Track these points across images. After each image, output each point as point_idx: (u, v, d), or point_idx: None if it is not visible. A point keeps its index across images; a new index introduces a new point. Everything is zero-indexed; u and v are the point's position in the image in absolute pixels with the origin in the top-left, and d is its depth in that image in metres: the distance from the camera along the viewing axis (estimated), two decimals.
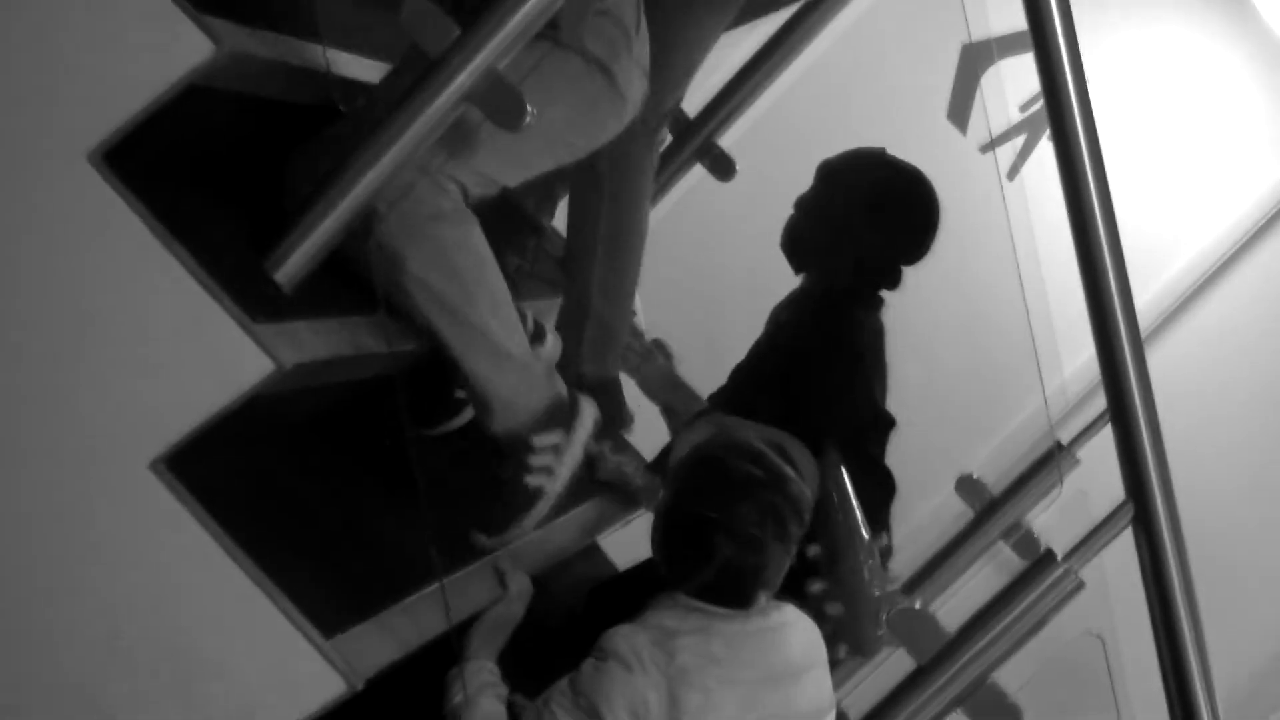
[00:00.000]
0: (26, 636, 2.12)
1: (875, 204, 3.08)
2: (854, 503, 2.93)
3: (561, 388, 2.52)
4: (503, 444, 2.45)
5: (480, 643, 2.42)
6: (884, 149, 3.12)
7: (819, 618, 2.81)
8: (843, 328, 3.07)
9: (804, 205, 3.11)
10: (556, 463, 2.48)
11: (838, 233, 3.05)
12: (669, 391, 3.21)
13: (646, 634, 2.33)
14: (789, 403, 2.98)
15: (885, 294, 3.13)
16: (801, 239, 3.09)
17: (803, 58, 3.45)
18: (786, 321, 3.13)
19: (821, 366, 3.04)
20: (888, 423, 3.16)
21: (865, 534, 2.92)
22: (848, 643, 2.84)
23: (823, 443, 2.93)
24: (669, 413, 3.19)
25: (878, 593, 2.93)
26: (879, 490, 3.10)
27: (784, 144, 3.19)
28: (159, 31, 2.01)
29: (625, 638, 2.32)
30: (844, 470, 2.93)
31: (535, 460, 2.45)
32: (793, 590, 2.78)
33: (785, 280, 3.10)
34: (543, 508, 2.49)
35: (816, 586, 2.83)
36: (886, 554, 3.11)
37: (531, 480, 2.46)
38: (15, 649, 2.13)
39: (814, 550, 2.86)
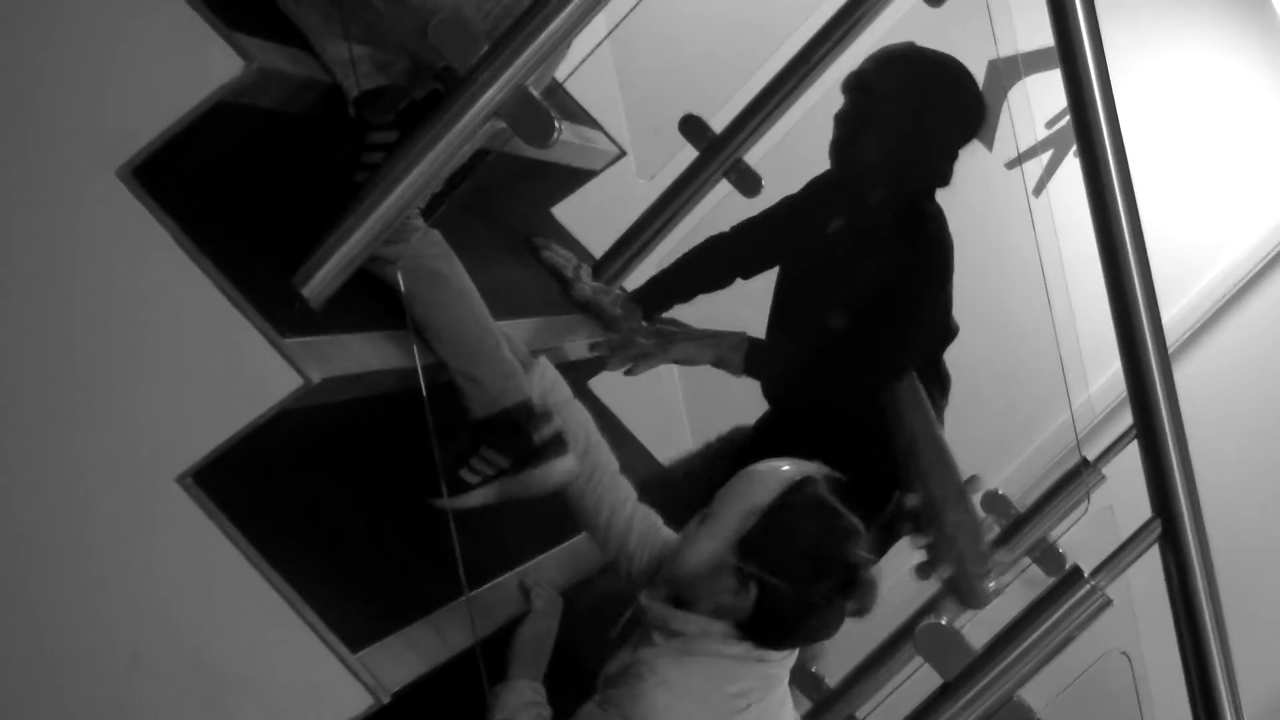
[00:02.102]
0: (53, 650, 2.13)
1: (921, 97, 3.00)
2: (947, 446, 2.89)
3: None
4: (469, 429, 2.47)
5: (520, 664, 2.43)
6: (910, 42, 3.06)
7: (924, 572, 2.77)
8: (924, 234, 3.02)
9: (847, 120, 3.03)
10: (491, 476, 2.47)
11: (889, 136, 2.97)
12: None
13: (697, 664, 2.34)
14: (874, 326, 2.94)
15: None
16: (852, 153, 3.03)
17: (828, 74, 3.45)
18: (855, 242, 3.05)
19: (916, 281, 2.99)
20: (955, 329, 3.14)
21: (960, 475, 2.88)
22: (958, 597, 2.79)
23: (905, 367, 2.93)
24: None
25: (984, 544, 2.88)
26: (942, 397, 3.11)
27: (809, 160, 3.18)
28: (189, 48, 2.03)
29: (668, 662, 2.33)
30: (923, 397, 2.90)
31: (477, 464, 2.44)
32: (887, 544, 2.74)
33: None
34: (463, 501, 2.46)
35: (920, 543, 2.78)
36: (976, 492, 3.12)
37: (465, 475, 2.45)
38: (43, 663, 2.14)
39: (912, 500, 2.82)
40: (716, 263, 3.30)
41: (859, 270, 3.01)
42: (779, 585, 2.31)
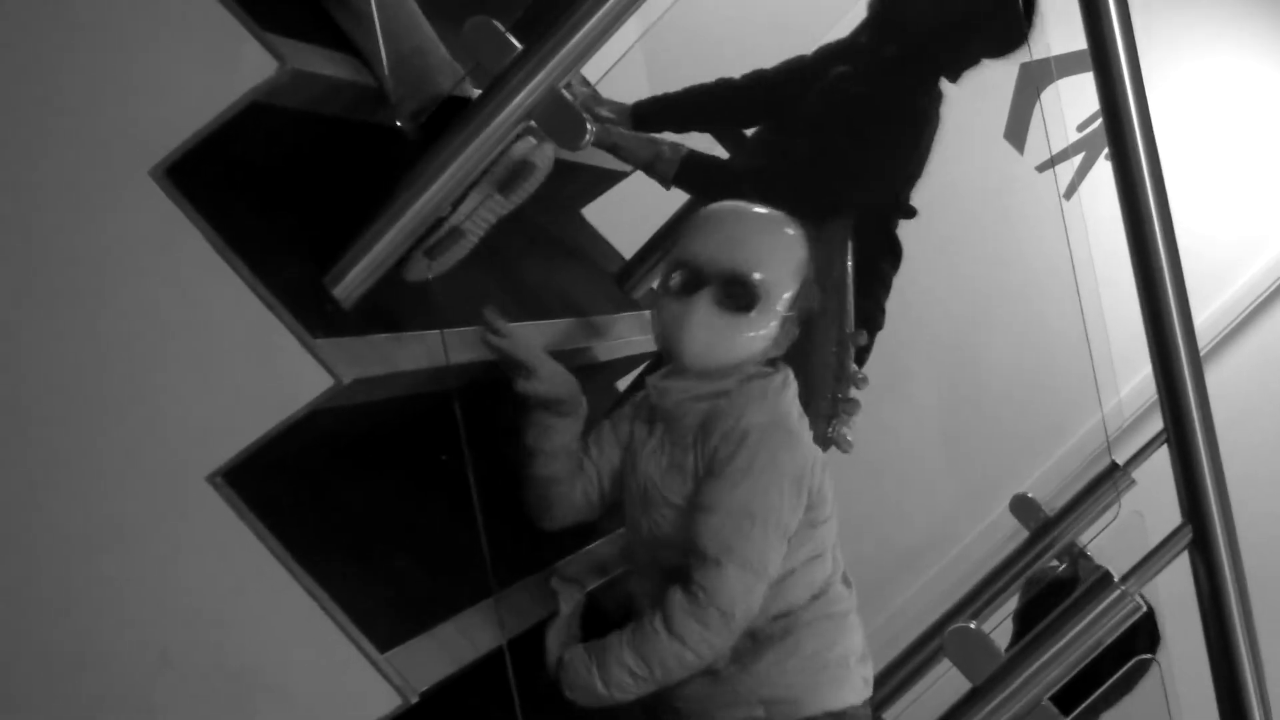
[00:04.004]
0: (83, 649, 2.14)
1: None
2: (849, 289, 2.93)
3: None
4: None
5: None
6: None
7: None
8: (913, 102, 3.08)
9: None
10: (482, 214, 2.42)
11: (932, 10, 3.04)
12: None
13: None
14: (829, 156, 2.99)
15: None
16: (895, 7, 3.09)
17: None
18: (849, 76, 3.10)
19: (881, 132, 3.03)
20: (910, 211, 3.19)
21: (850, 324, 2.92)
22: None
23: (842, 210, 2.97)
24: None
25: (840, 394, 2.94)
26: (889, 263, 3.19)
27: None
28: (223, 48, 2.03)
29: None
30: (850, 248, 2.93)
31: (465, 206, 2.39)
32: None
33: None
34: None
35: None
36: (864, 352, 3.16)
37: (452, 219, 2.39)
38: (72, 661, 2.14)
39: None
40: (720, 102, 3.32)
41: (838, 107, 3.05)
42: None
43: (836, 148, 2.99)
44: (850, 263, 3.07)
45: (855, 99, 3.05)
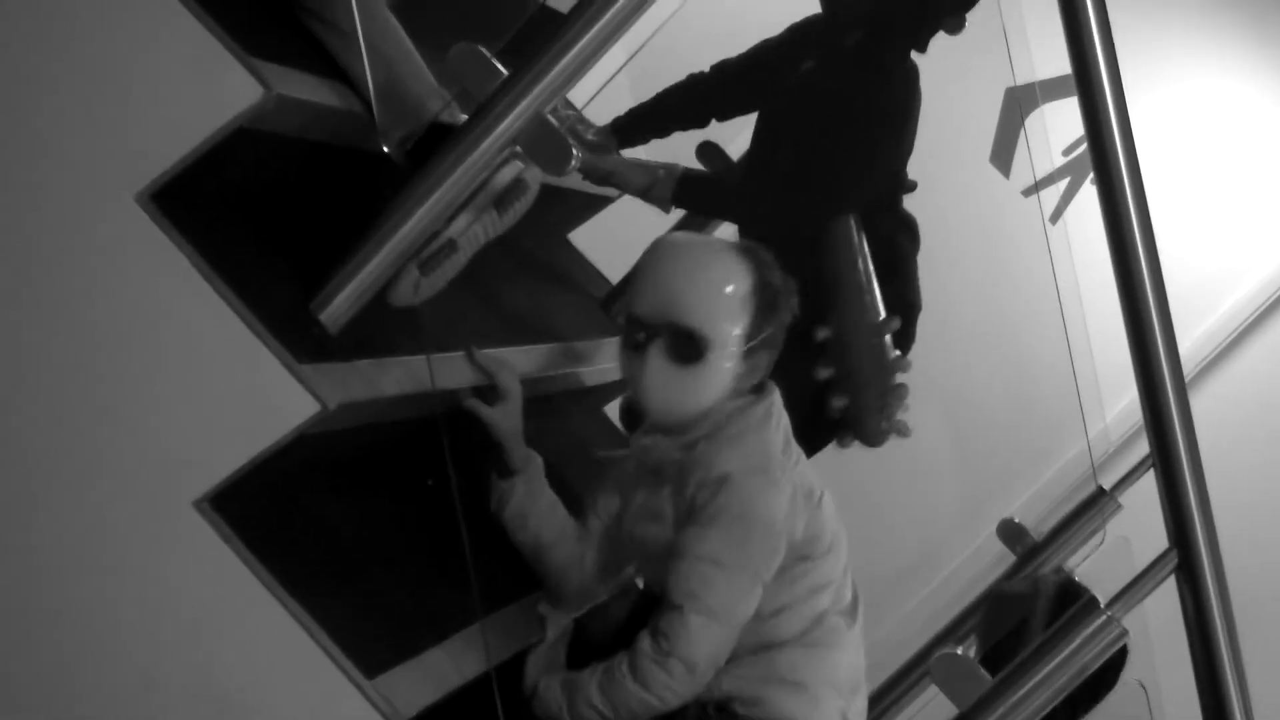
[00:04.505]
0: (66, 673, 2.13)
1: None
2: (871, 279, 2.92)
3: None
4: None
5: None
6: None
7: (825, 407, 2.79)
8: (890, 88, 3.06)
9: None
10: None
11: None
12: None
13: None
14: (821, 160, 2.96)
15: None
16: None
17: None
18: (819, 73, 3.08)
19: (866, 127, 3.01)
20: (911, 185, 3.17)
21: (880, 314, 2.90)
22: (854, 433, 2.81)
23: (844, 210, 2.97)
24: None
25: (887, 381, 2.92)
26: (907, 239, 3.15)
27: None
28: (209, 74, 2.03)
29: None
30: (864, 240, 2.91)
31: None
32: (799, 378, 2.77)
33: None
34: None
35: (824, 373, 2.81)
36: (903, 337, 3.13)
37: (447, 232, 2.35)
38: (58, 685, 2.14)
39: (823, 333, 2.83)
40: (693, 100, 3.32)
41: (818, 109, 3.03)
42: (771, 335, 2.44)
43: (825, 151, 2.98)
44: (867, 251, 3.03)
45: (833, 98, 3.03)
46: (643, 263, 2.47)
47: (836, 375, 2.70)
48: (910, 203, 3.20)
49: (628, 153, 3.25)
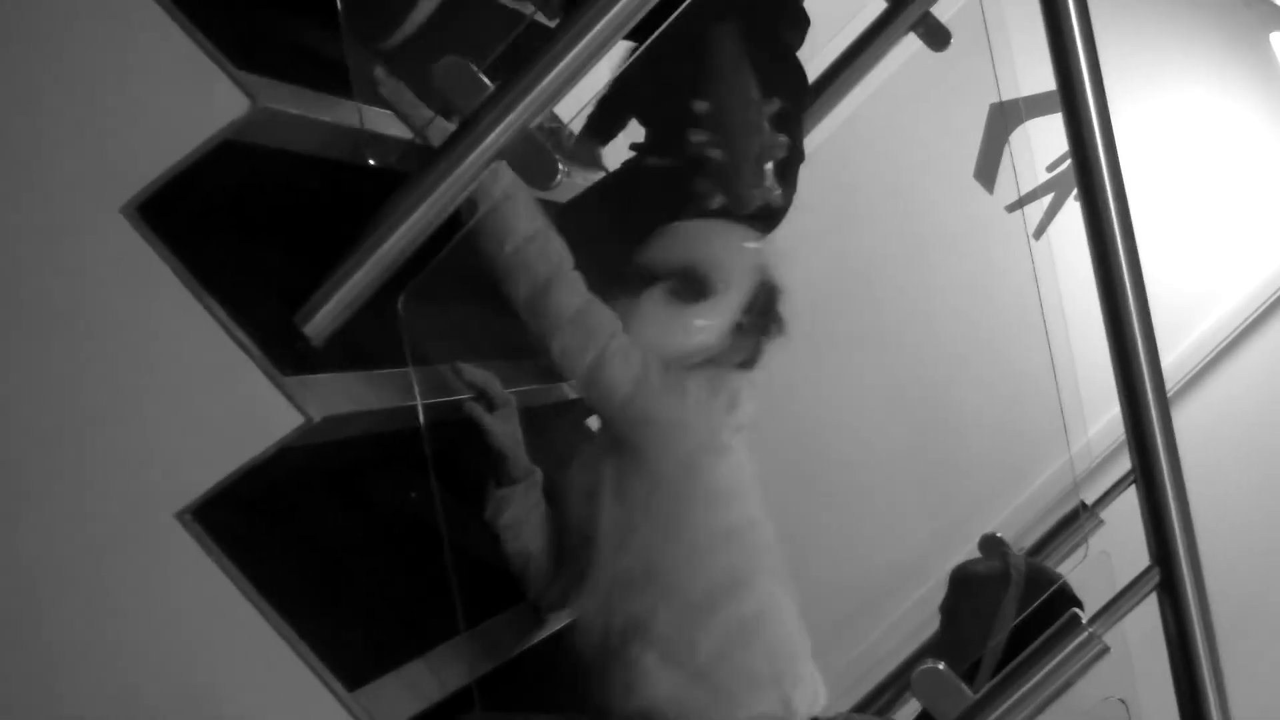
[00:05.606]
0: (45, 687, 2.12)
1: None
2: (747, 65, 2.91)
3: None
4: None
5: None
6: None
7: (699, 166, 2.80)
8: None
9: None
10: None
11: None
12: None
13: None
14: None
15: None
16: None
17: (832, 116, 3.47)
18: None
19: None
20: (805, 19, 3.15)
21: (756, 94, 2.91)
22: (725, 194, 2.82)
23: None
24: None
25: (761, 145, 2.92)
26: (791, 76, 3.11)
27: (812, 199, 3.19)
28: (195, 86, 2.03)
29: None
30: (737, 40, 2.91)
31: None
32: (676, 144, 2.82)
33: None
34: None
35: (699, 137, 2.82)
36: (785, 120, 3.04)
37: None
38: (37, 698, 2.13)
39: (701, 106, 2.85)
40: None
41: None
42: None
43: None
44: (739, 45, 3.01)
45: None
46: (663, 230, 2.58)
47: (711, 140, 2.72)
48: (893, 216, 3.21)
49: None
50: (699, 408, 2.43)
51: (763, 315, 2.53)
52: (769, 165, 2.88)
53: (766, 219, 2.95)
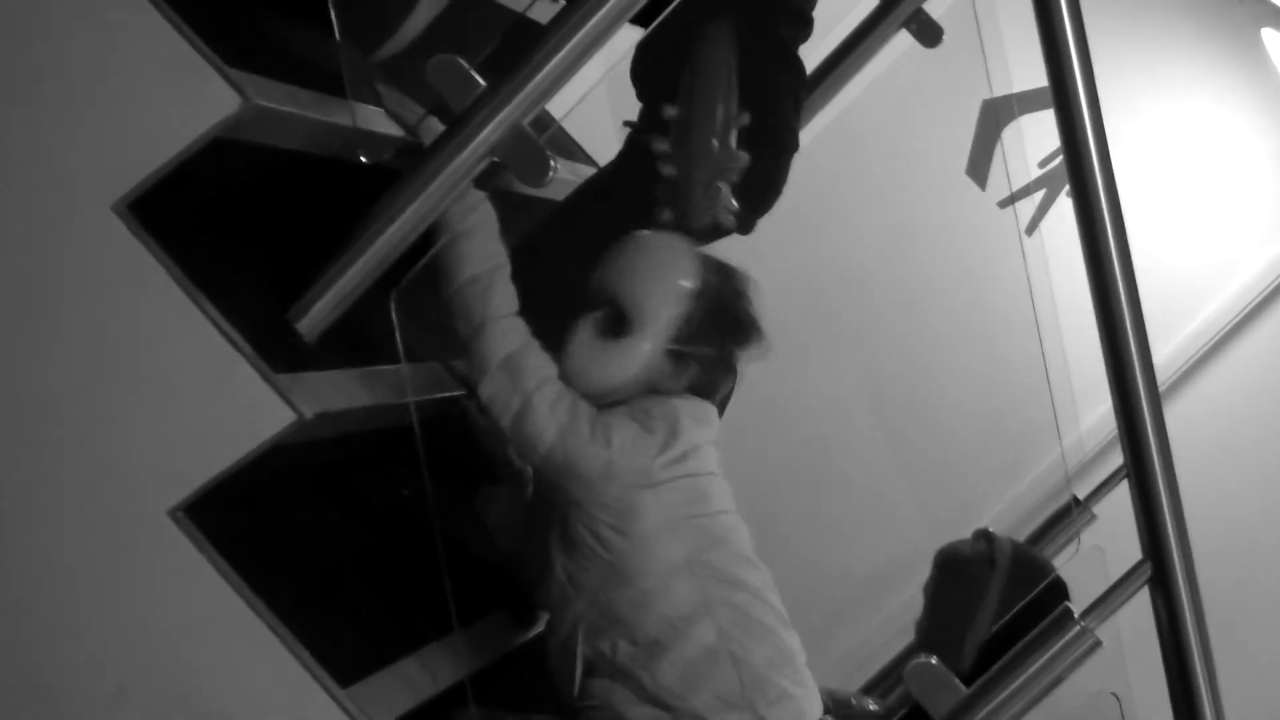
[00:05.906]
0: (39, 683, 2.13)
1: None
2: (729, 78, 2.86)
3: None
4: None
5: None
6: None
7: (656, 179, 2.77)
8: None
9: None
10: None
11: None
12: None
13: None
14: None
15: None
16: None
17: (823, 113, 3.47)
18: None
19: None
20: (807, 20, 3.06)
21: (730, 110, 2.82)
22: (673, 210, 2.79)
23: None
24: None
25: (718, 164, 2.87)
26: (785, 75, 3.04)
27: (803, 195, 3.19)
28: (186, 84, 2.03)
29: None
30: (728, 43, 2.83)
31: None
32: (643, 147, 2.77)
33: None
34: None
35: (662, 145, 2.80)
36: (754, 135, 2.93)
37: None
38: (28, 696, 2.13)
39: (670, 111, 2.82)
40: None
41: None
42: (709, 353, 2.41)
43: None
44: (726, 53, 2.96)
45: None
46: (613, 247, 2.50)
47: (669, 153, 2.69)
48: (887, 214, 3.20)
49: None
50: (624, 452, 2.33)
51: (709, 335, 2.43)
52: (723, 185, 2.84)
53: (723, 232, 2.92)
